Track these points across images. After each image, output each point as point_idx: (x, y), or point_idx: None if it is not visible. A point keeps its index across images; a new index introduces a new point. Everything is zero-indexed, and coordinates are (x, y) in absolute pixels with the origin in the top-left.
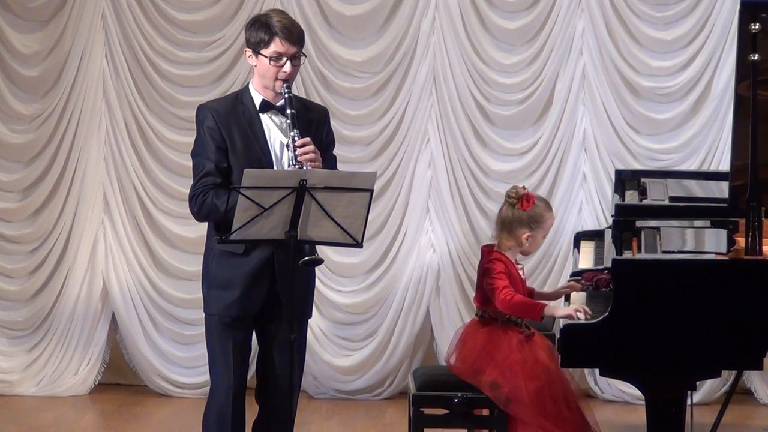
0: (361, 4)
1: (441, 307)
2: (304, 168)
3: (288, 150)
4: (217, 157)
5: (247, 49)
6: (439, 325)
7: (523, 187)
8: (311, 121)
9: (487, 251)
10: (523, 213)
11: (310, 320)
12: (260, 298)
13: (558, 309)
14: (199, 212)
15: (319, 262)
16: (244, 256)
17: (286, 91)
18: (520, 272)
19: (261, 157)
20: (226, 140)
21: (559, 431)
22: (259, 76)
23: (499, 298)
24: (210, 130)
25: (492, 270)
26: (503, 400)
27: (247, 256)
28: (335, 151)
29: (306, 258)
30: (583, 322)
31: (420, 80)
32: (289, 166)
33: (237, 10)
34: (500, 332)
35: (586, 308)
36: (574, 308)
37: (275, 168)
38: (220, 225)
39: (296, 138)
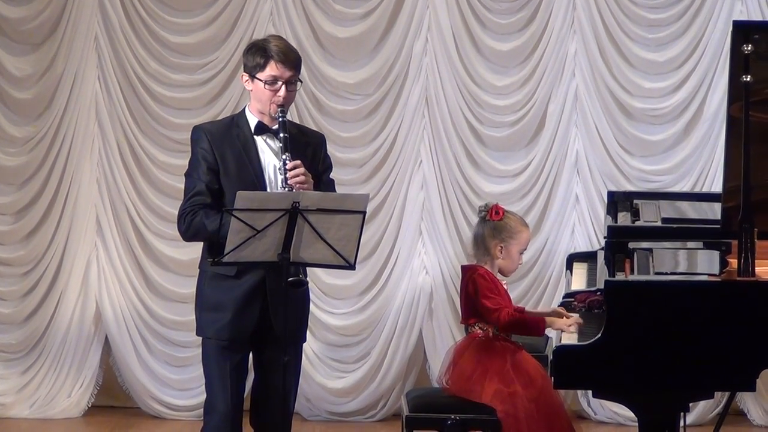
0: (354, 26)
1: (434, 329)
2: (294, 191)
3: (279, 173)
4: (209, 178)
5: (244, 73)
6: (432, 346)
7: (496, 204)
8: (308, 147)
9: (469, 268)
10: (493, 224)
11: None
12: (252, 320)
13: (556, 322)
14: (186, 231)
15: (302, 283)
16: (236, 278)
17: (280, 115)
18: (505, 287)
19: (254, 179)
20: (218, 162)
21: None
22: (255, 100)
23: (499, 320)
24: (203, 151)
25: (480, 288)
26: (501, 410)
27: (239, 278)
28: (332, 175)
29: (290, 279)
30: (575, 343)
31: (412, 102)
32: (282, 187)
33: (229, 32)
34: (493, 342)
35: (580, 323)
36: (571, 321)
37: (269, 190)
38: (213, 247)
39: (287, 161)
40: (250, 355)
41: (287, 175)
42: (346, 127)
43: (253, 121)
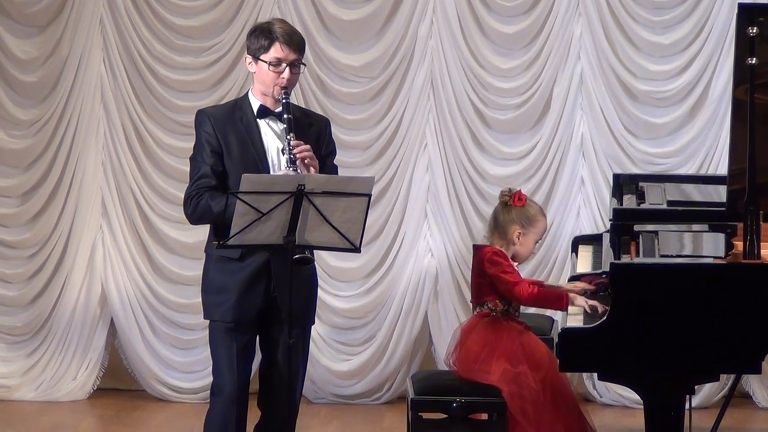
0: (359, 8)
1: (439, 312)
2: (299, 169)
3: (284, 154)
4: (213, 161)
5: (248, 56)
6: (437, 329)
7: (519, 189)
8: (312, 130)
9: (482, 247)
10: (516, 210)
11: (311, 325)
12: (257, 302)
13: (578, 297)
14: (192, 214)
15: (308, 261)
16: (240, 261)
17: (284, 97)
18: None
19: (257, 161)
20: (222, 144)
21: (560, 427)
22: (258, 83)
23: (521, 293)
24: (206, 134)
25: (500, 266)
26: (507, 391)
27: (243, 261)
28: (337, 158)
29: (295, 256)
30: (581, 326)
31: (418, 85)
32: (286, 168)
33: (235, 14)
34: (501, 323)
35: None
36: (591, 303)
37: (272, 173)
38: (218, 230)
39: (291, 140)
40: (258, 337)
41: (293, 152)
42: (352, 110)
43: (255, 104)
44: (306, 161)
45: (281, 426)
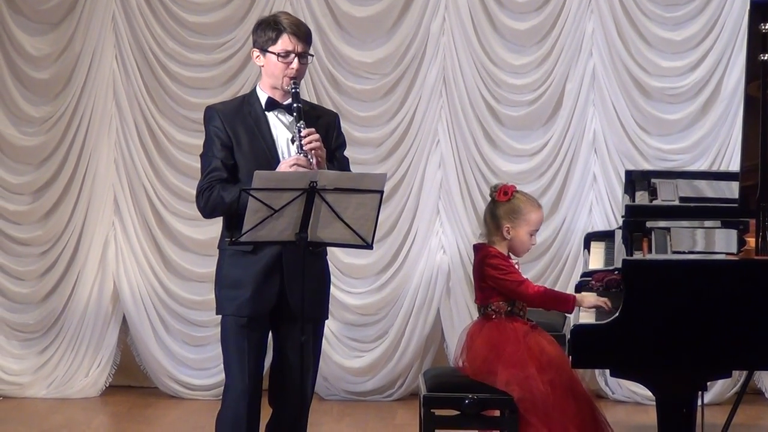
0: (371, 5)
1: (451, 308)
2: (310, 158)
3: (293, 143)
4: (224, 154)
5: (255, 49)
6: (449, 325)
7: (506, 184)
8: (320, 122)
9: (481, 248)
10: (502, 205)
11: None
12: (272, 296)
13: (586, 298)
14: (205, 206)
15: (319, 245)
16: (253, 254)
17: (293, 87)
18: (517, 267)
19: (267, 154)
20: (231, 139)
21: (571, 426)
22: (267, 76)
23: (527, 291)
24: (215, 129)
25: (500, 267)
26: (517, 394)
27: (256, 254)
28: (350, 154)
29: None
30: (593, 322)
31: (430, 81)
32: (297, 154)
33: (247, 11)
34: (506, 324)
35: (608, 302)
36: (603, 300)
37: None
38: (231, 225)
39: (301, 129)
40: (270, 334)
41: (302, 142)
42: (364, 107)
43: (263, 97)
44: (313, 153)
45: (293, 423)
